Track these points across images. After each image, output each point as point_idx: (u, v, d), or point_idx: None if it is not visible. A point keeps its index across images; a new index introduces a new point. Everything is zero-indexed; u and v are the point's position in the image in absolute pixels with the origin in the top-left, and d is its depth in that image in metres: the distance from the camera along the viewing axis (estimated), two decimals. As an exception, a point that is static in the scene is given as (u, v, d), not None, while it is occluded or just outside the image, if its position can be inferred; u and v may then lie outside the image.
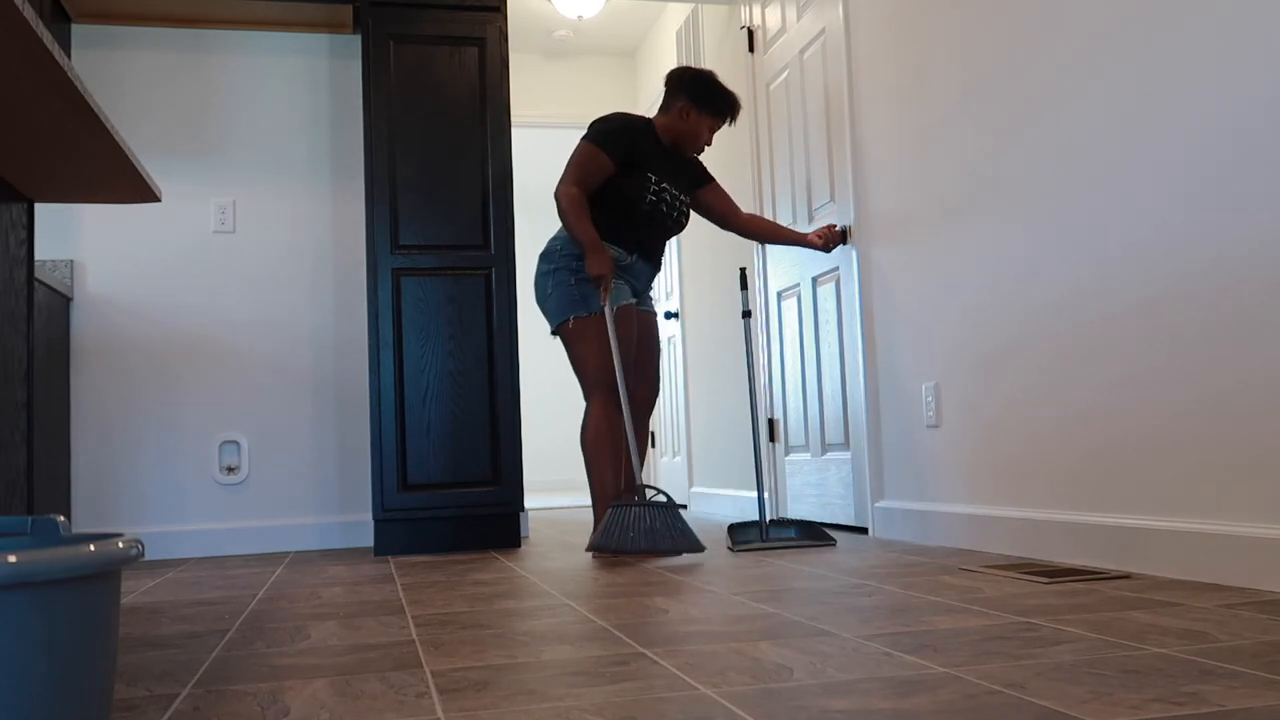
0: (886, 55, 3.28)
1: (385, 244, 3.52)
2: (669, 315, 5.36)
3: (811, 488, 3.89)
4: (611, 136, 3.21)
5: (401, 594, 2.39)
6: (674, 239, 5.27)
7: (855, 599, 2.02)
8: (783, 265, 4.08)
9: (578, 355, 3.23)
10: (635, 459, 3.15)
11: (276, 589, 2.58)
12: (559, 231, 3.30)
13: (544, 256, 3.31)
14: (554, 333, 3.33)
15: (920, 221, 3.10)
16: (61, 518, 1.15)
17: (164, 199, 3.79)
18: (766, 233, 3.53)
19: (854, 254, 3.47)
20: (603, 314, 3.18)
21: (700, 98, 3.28)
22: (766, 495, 4.14)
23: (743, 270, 3.43)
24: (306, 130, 3.93)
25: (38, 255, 3.68)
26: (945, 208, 2.96)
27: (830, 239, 3.49)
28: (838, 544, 3.14)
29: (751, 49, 4.35)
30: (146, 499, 3.68)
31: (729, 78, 4.55)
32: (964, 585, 2.14)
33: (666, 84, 3.35)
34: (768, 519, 3.24)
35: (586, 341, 3.19)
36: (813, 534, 3.19)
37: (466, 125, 3.63)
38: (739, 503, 4.54)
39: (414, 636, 1.80)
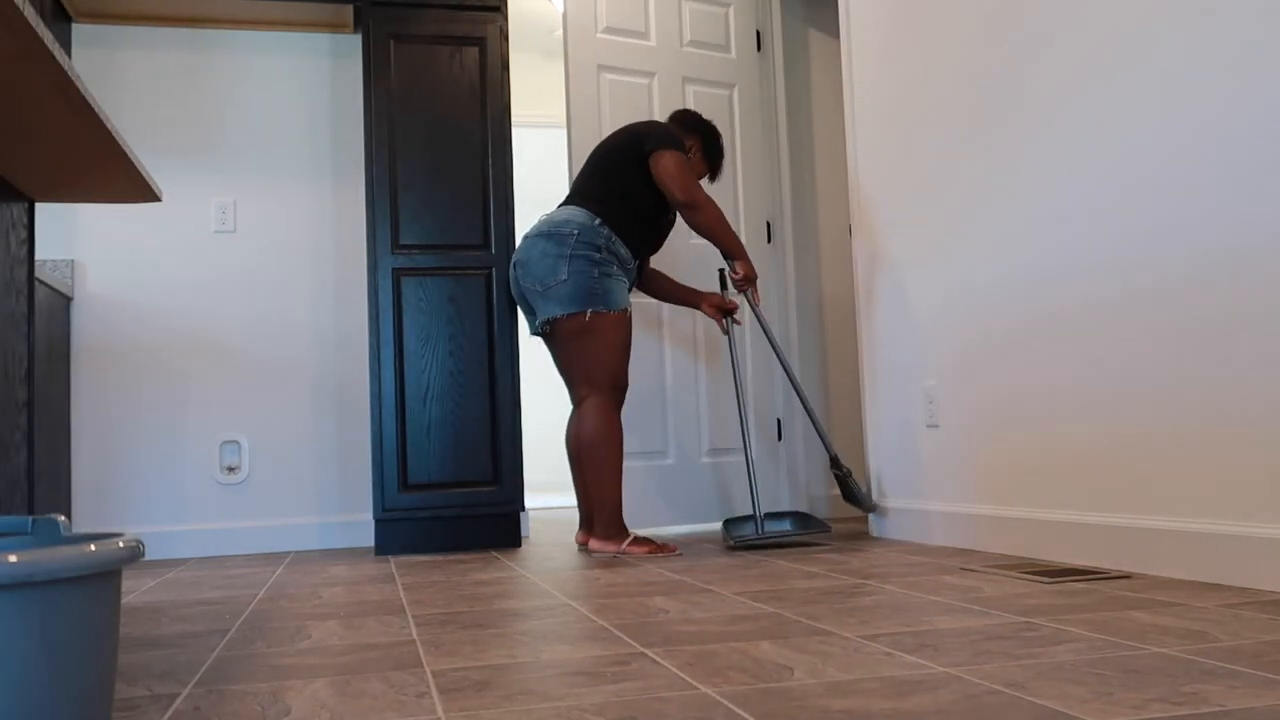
0: (884, 57, 3.28)
1: (386, 243, 3.52)
2: None
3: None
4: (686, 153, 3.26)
5: (402, 594, 2.39)
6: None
7: (856, 599, 2.02)
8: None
9: (588, 350, 3.10)
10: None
11: (277, 589, 2.59)
12: (568, 213, 3.15)
13: (550, 237, 3.12)
14: (555, 320, 3.13)
15: (919, 221, 3.10)
16: (62, 518, 1.15)
17: (164, 199, 3.79)
18: (663, 290, 3.56)
19: (854, 253, 3.47)
20: (624, 313, 3.12)
21: (710, 148, 3.43)
22: (759, 488, 4.13)
23: (721, 271, 3.47)
24: (307, 130, 3.93)
25: (38, 255, 3.68)
26: (944, 207, 2.96)
27: (726, 311, 3.46)
28: (833, 533, 3.14)
29: (759, 49, 4.36)
30: (147, 499, 3.68)
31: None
32: (964, 585, 2.14)
33: (678, 120, 3.44)
34: (761, 512, 3.25)
35: (604, 338, 3.10)
36: (808, 524, 3.21)
37: (467, 125, 3.63)
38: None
39: (414, 636, 1.80)
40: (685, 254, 4.08)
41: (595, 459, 3.10)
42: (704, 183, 4.06)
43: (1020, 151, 2.64)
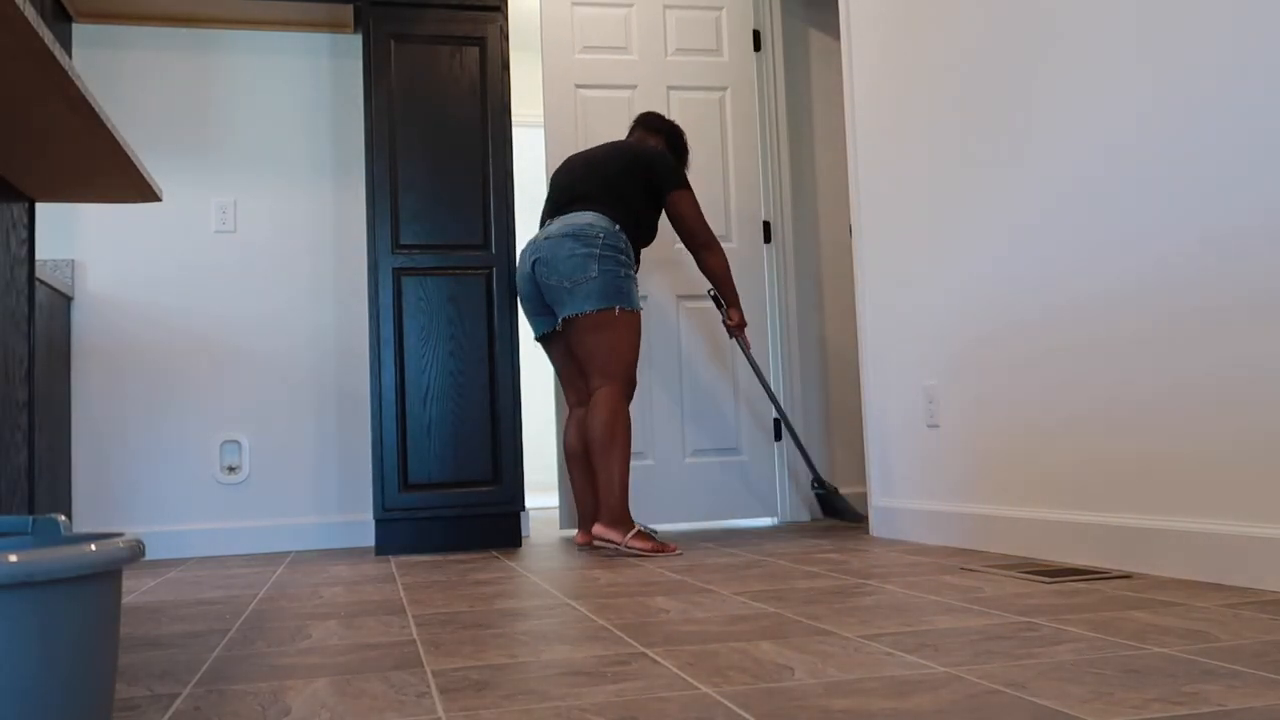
0: (885, 56, 3.28)
1: (386, 243, 3.52)
2: None
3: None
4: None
5: (402, 593, 2.39)
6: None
7: (856, 599, 2.02)
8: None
9: (609, 344, 3.19)
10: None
11: (277, 588, 2.59)
12: (590, 218, 3.24)
13: (576, 238, 3.21)
14: (578, 316, 3.20)
15: (919, 221, 3.10)
16: (62, 517, 1.15)
17: (165, 199, 3.79)
18: None
19: (854, 253, 3.47)
20: (640, 313, 3.28)
21: (675, 146, 3.61)
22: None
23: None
24: (307, 130, 3.93)
25: (39, 255, 3.68)
26: (945, 206, 2.96)
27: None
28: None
29: (758, 49, 4.36)
30: (147, 498, 3.68)
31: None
32: (965, 585, 2.14)
33: (644, 123, 3.63)
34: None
35: (625, 334, 3.21)
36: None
37: (467, 125, 3.63)
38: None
39: (415, 636, 1.80)
40: (680, 258, 4.09)
41: (608, 447, 3.13)
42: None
43: (1021, 151, 2.64)
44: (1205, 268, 2.07)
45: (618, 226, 3.26)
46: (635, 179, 3.35)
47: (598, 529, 3.13)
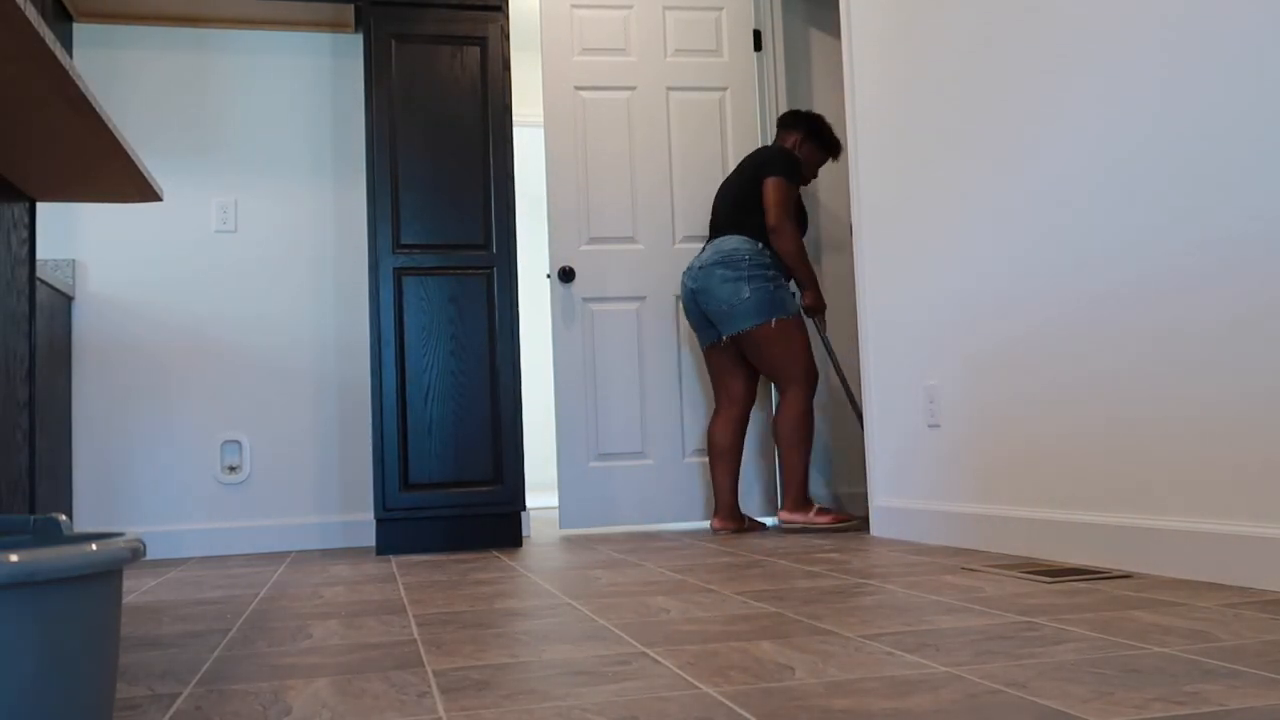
0: (885, 56, 3.28)
1: (387, 243, 3.52)
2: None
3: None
4: (798, 173, 3.72)
5: (403, 593, 2.39)
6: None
7: (857, 598, 2.02)
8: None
9: (783, 351, 3.61)
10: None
11: (278, 588, 2.59)
12: (735, 243, 3.65)
13: (725, 265, 3.62)
14: (745, 333, 3.60)
15: (920, 220, 3.10)
16: (63, 517, 1.15)
17: (166, 198, 3.79)
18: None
19: (854, 253, 3.47)
20: (800, 315, 3.68)
21: (816, 133, 3.86)
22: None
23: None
24: (308, 129, 3.93)
25: (39, 255, 3.68)
26: (945, 206, 2.96)
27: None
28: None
29: (758, 48, 4.36)
30: (148, 498, 3.68)
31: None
32: (965, 585, 2.14)
33: (780, 123, 3.91)
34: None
35: (791, 338, 3.62)
36: None
37: (468, 125, 3.63)
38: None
39: (415, 636, 1.80)
40: (672, 258, 4.09)
41: (795, 443, 3.59)
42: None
43: (1023, 151, 2.63)
44: (1209, 269, 2.07)
45: (760, 244, 3.66)
46: (756, 187, 3.69)
47: (784, 514, 3.59)
